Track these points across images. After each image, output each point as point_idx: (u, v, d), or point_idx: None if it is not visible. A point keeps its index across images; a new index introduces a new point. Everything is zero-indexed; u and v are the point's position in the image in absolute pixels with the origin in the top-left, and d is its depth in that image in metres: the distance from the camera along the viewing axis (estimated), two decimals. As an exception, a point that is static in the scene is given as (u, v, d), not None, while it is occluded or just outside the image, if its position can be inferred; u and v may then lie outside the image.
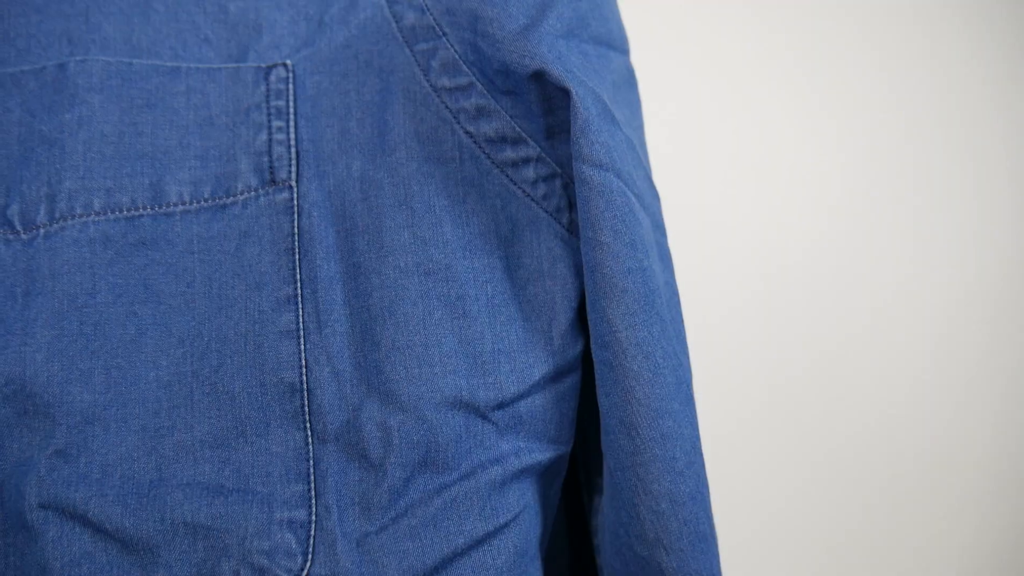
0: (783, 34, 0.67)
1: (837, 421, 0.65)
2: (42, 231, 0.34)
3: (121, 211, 0.35)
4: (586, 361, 0.39)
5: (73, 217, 0.34)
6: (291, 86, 0.37)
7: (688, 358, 0.37)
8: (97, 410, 0.33)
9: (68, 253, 0.34)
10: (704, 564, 0.35)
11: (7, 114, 0.36)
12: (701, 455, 0.36)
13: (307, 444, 0.34)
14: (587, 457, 0.43)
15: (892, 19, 0.67)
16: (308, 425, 0.34)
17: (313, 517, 0.33)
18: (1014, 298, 0.67)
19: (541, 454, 0.37)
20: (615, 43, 0.40)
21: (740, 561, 0.59)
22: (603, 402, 0.36)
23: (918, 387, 0.67)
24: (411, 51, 0.38)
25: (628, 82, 0.40)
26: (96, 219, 0.34)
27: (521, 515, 0.36)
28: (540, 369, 0.37)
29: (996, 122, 0.67)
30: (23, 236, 0.34)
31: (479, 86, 0.37)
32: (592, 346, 0.36)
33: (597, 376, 0.36)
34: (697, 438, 0.36)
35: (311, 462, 0.34)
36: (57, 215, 0.34)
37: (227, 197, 0.36)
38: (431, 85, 0.37)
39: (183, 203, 0.36)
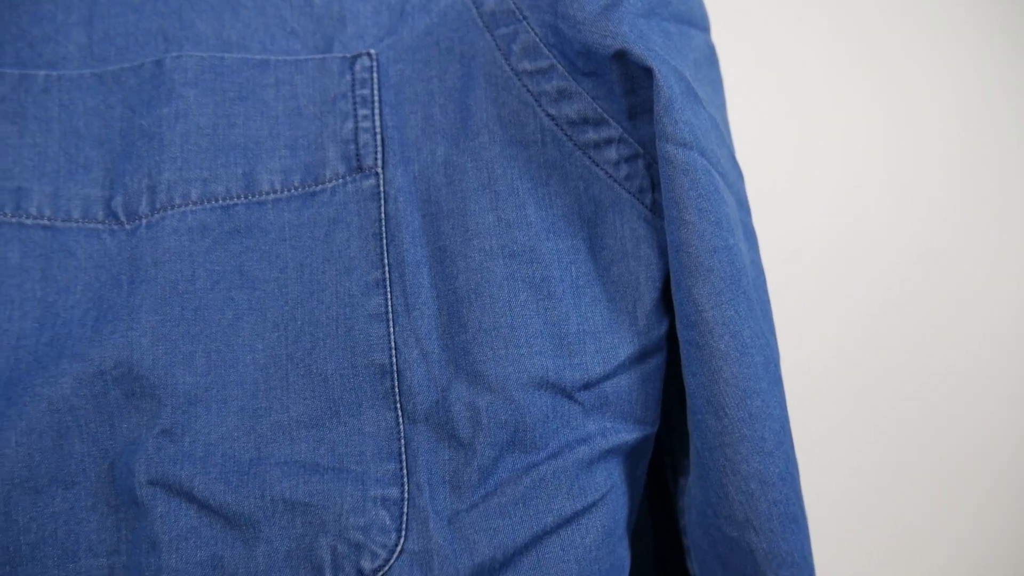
0: (827, 29, 0.65)
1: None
2: (144, 221, 0.36)
3: (217, 200, 0.36)
4: (669, 342, 0.39)
5: (172, 207, 0.36)
6: (375, 75, 0.38)
7: (775, 338, 0.37)
8: (199, 391, 0.34)
9: (168, 241, 0.35)
10: (795, 545, 0.34)
11: (109, 110, 0.37)
12: (790, 435, 0.35)
13: (398, 424, 0.35)
14: (671, 438, 0.43)
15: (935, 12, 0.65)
16: (399, 405, 0.35)
17: (405, 495, 0.34)
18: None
19: (627, 434, 0.37)
20: (696, 21, 0.40)
21: (832, 542, 0.58)
22: (689, 382, 0.35)
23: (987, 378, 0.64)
24: (492, 36, 0.38)
25: (710, 60, 0.40)
26: (194, 208, 0.36)
27: (609, 495, 0.36)
28: (625, 350, 0.37)
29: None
30: (127, 226, 0.36)
31: (560, 68, 0.37)
32: (678, 326, 0.36)
33: (683, 356, 0.36)
34: (786, 418, 0.35)
35: (402, 442, 0.34)
36: (158, 205, 0.36)
37: (316, 185, 0.37)
38: (512, 69, 0.38)
39: (275, 191, 0.37)
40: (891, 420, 0.63)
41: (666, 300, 0.38)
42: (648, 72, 0.35)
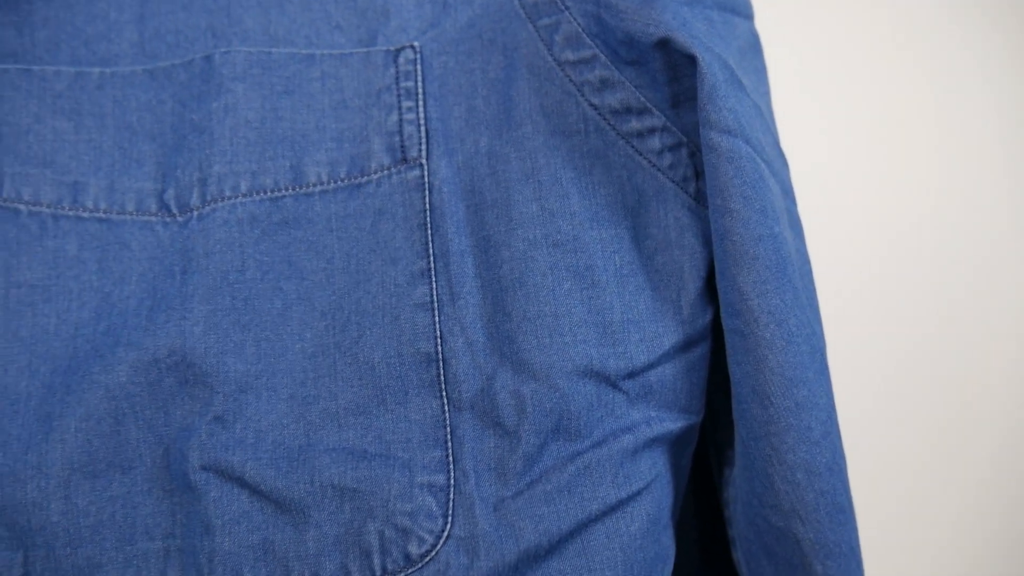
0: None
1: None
2: (195, 213, 0.37)
3: (265, 192, 0.37)
4: (713, 331, 0.39)
5: (223, 199, 0.36)
6: (419, 67, 0.38)
7: (821, 327, 0.37)
8: (250, 379, 0.35)
9: (219, 233, 0.36)
10: (843, 536, 0.34)
11: (161, 105, 0.38)
12: (837, 426, 0.35)
13: (443, 412, 0.35)
14: (716, 428, 0.43)
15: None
16: (444, 393, 0.35)
17: (451, 481, 0.34)
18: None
19: (672, 423, 0.37)
20: (739, 8, 0.39)
21: (880, 533, 0.57)
22: (734, 371, 0.35)
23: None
24: (534, 27, 0.38)
25: (754, 48, 0.40)
26: (243, 200, 0.37)
27: (653, 483, 0.36)
28: (669, 339, 0.37)
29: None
30: (179, 218, 0.37)
31: (603, 58, 0.37)
32: (723, 315, 0.36)
33: (728, 345, 0.36)
34: (833, 408, 0.35)
35: (448, 429, 0.35)
36: (208, 198, 0.36)
37: (362, 176, 0.37)
38: (555, 59, 0.38)
39: (321, 183, 0.37)
40: (941, 410, 0.62)
41: (710, 289, 0.38)
42: (691, 60, 0.35)
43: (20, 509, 0.33)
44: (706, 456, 0.44)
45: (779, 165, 0.38)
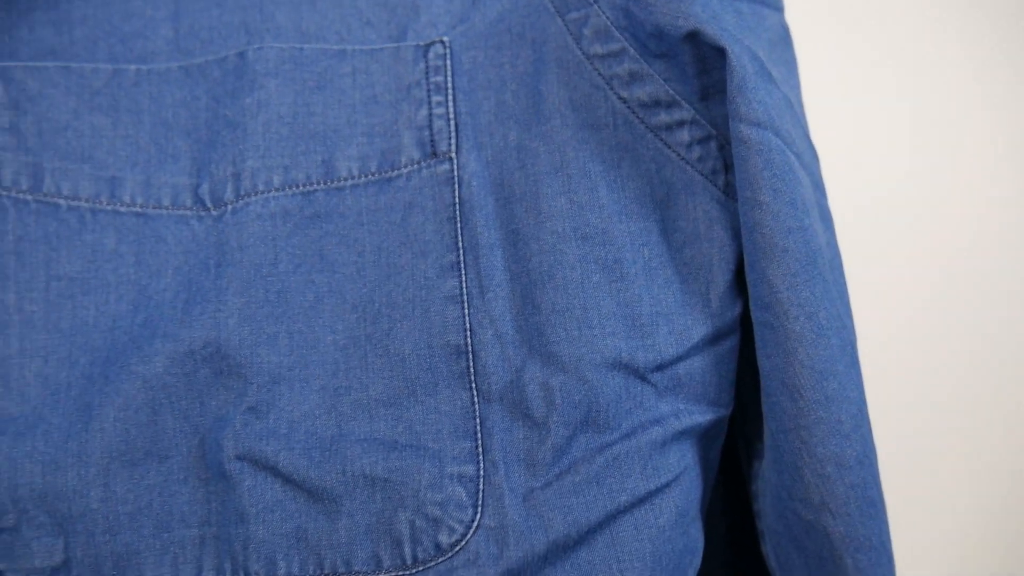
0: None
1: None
2: (229, 207, 0.37)
3: (297, 187, 0.37)
4: (742, 324, 0.39)
5: (256, 193, 0.37)
6: (448, 62, 0.39)
7: (852, 320, 0.36)
8: (283, 371, 0.35)
9: (253, 227, 0.37)
10: (873, 530, 0.34)
11: (195, 101, 0.39)
12: (868, 419, 0.35)
13: (473, 403, 0.35)
14: (745, 421, 0.42)
15: None
16: (474, 385, 0.35)
17: (481, 472, 0.35)
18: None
19: (701, 416, 0.37)
20: (769, 0, 0.39)
21: (910, 527, 0.57)
22: (764, 364, 0.35)
23: None
24: (563, 20, 0.38)
25: (784, 40, 0.40)
26: (276, 195, 0.37)
27: (682, 476, 0.36)
28: (698, 331, 0.37)
29: None
30: (213, 212, 0.37)
31: (631, 51, 0.37)
32: (752, 308, 0.36)
33: (757, 338, 0.36)
34: (863, 401, 0.35)
35: (477, 420, 0.35)
36: (242, 192, 0.37)
37: (392, 170, 0.38)
38: (583, 53, 0.38)
39: (352, 178, 0.38)
40: (973, 403, 0.62)
41: (739, 282, 0.37)
42: (721, 52, 0.35)
43: (61, 496, 0.34)
44: (735, 449, 0.44)
45: (809, 158, 0.37)
